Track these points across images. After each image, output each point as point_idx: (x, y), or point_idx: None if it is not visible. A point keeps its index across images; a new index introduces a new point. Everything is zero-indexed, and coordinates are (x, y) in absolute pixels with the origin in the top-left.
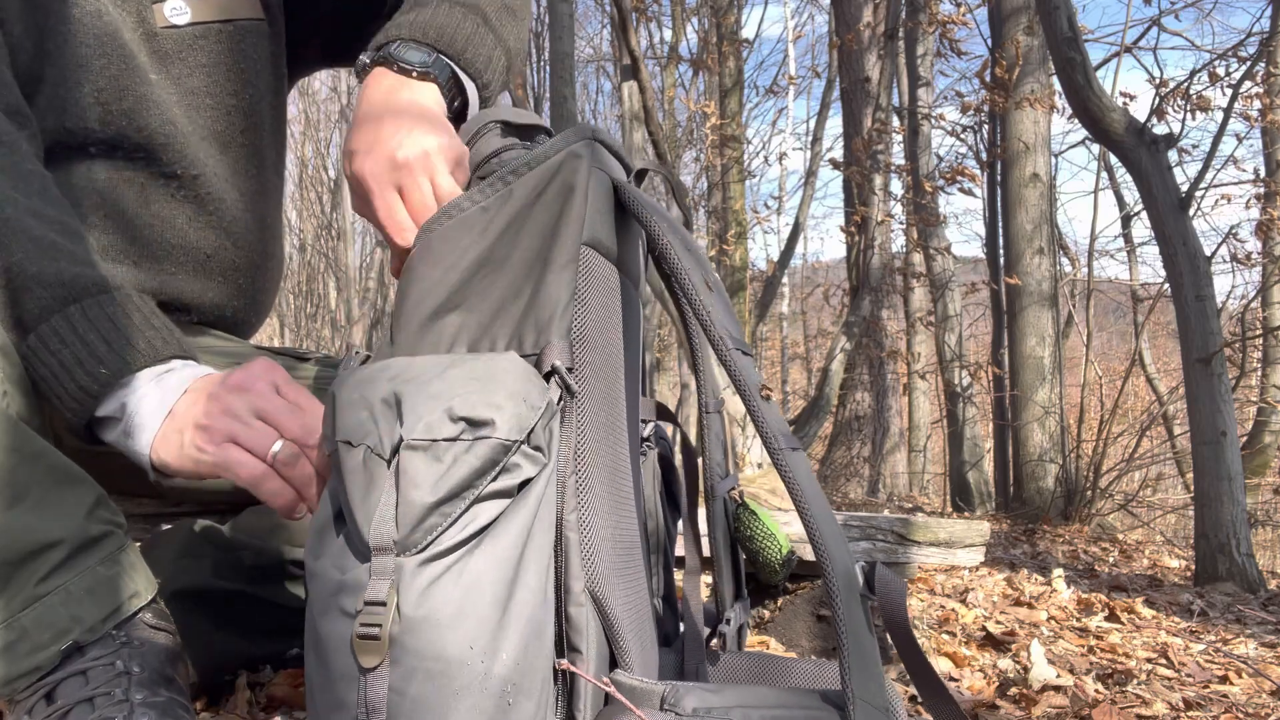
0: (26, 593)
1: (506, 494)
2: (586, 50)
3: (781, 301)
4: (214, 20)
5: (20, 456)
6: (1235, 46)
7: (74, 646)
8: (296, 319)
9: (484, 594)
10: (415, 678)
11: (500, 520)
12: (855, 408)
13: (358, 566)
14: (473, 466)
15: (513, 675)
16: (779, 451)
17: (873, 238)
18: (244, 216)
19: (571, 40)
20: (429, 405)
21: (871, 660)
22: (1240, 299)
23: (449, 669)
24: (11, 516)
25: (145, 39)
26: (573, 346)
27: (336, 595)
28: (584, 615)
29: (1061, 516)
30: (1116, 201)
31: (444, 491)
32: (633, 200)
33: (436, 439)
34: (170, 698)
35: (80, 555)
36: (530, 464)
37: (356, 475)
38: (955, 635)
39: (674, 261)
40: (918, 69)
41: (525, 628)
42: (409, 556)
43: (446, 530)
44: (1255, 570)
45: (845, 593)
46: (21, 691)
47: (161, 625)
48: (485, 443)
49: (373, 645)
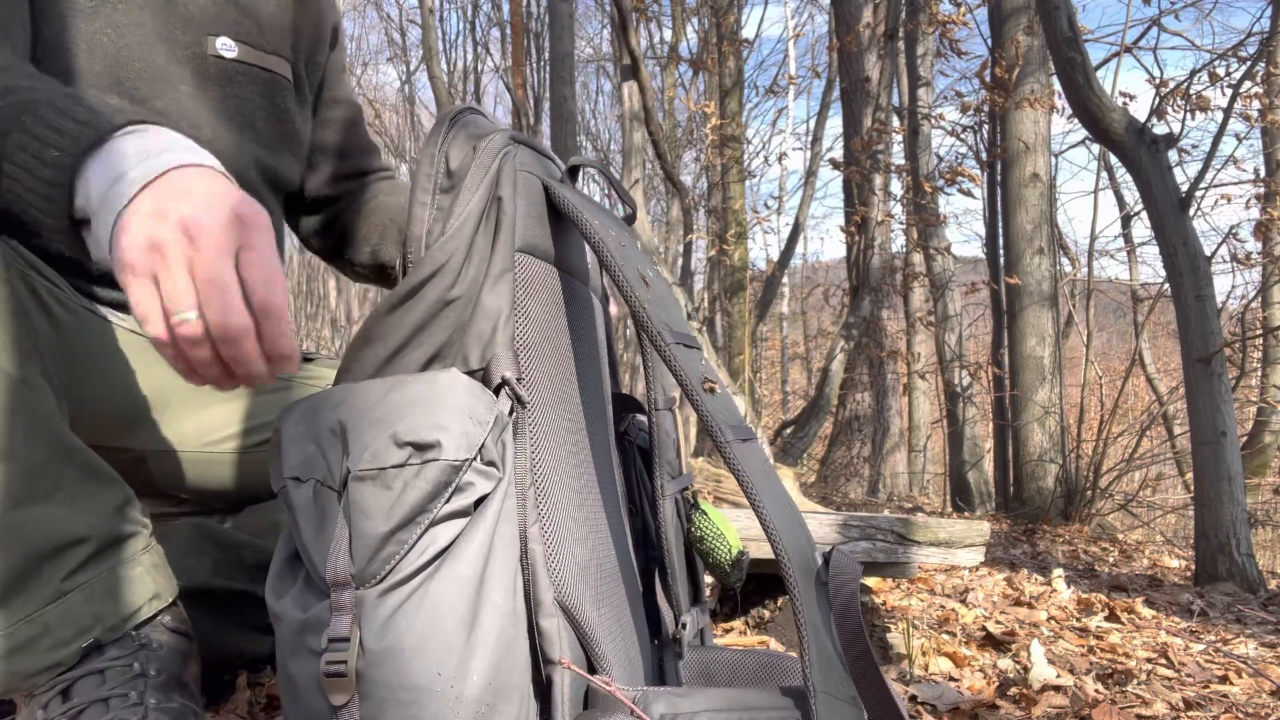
0: (52, 587)
1: (463, 513)
2: (586, 50)
3: (781, 301)
4: (254, 65)
5: (53, 452)
6: (1235, 46)
7: (94, 644)
8: (296, 319)
9: (448, 618)
10: (386, 711)
11: (459, 540)
12: (855, 408)
13: (318, 604)
14: (424, 491)
15: (485, 695)
16: (726, 444)
17: (873, 238)
18: None
19: (571, 40)
20: (373, 432)
21: (834, 651)
22: (1240, 299)
23: (419, 698)
24: (42, 510)
25: (191, 60)
26: (519, 356)
27: (301, 635)
28: (555, 626)
29: (1061, 516)
30: (1116, 201)
31: (397, 519)
32: (563, 200)
33: (384, 467)
34: (184, 704)
35: (106, 554)
36: (485, 480)
37: (307, 511)
38: (955, 635)
39: (606, 257)
40: (918, 69)
41: (494, 646)
42: (368, 589)
43: (404, 557)
44: (1255, 570)
45: (802, 582)
46: (40, 686)
47: (180, 629)
48: (434, 465)
49: (340, 683)
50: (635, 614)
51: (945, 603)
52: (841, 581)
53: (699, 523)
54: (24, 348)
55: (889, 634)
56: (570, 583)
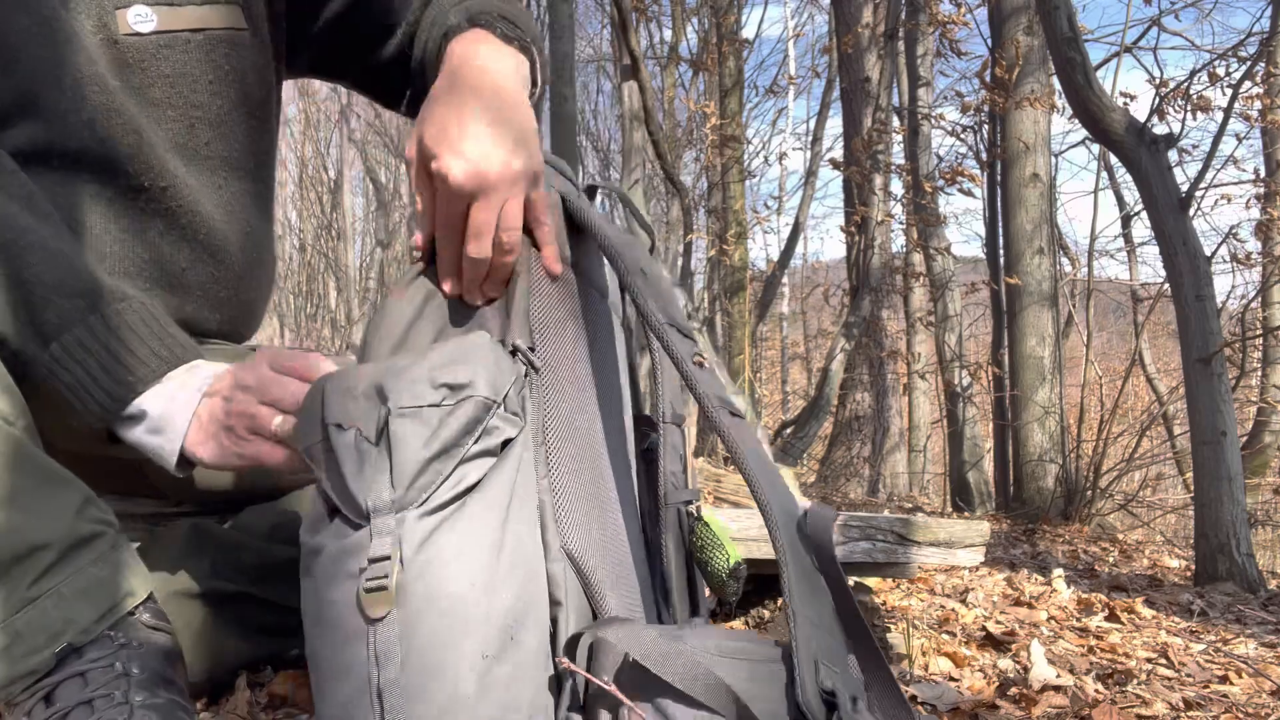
0: (18, 596)
1: (490, 453)
2: (586, 50)
3: (781, 301)
4: (182, 29)
5: (5, 459)
6: (1235, 46)
7: (70, 649)
8: (296, 319)
9: (481, 537)
10: (424, 618)
11: (487, 477)
12: (855, 408)
13: (358, 531)
14: (458, 426)
15: (511, 614)
16: (716, 410)
17: (873, 238)
18: (222, 228)
19: (571, 40)
20: (409, 381)
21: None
22: (1240, 299)
23: (455, 605)
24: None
25: (105, 45)
26: (533, 332)
27: (340, 560)
28: (560, 570)
29: (1061, 516)
30: (1116, 201)
31: (435, 448)
32: (577, 210)
33: (422, 405)
34: (170, 699)
35: (71, 556)
36: (509, 425)
37: (349, 452)
38: (955, 635)
39: (610, 249)
40: (918, 69)
41: (520, 570)
42: (408, 511)
43: (439, 487)
44: (1255, 570)
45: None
46: (19, 694)
47: (159, 625)
48: (468, 402)
49: (381, 596)
50: (644, 603)
51: (945, 603)
52: (817, 525)
53: (701, 533)
54: None
55: (889, 634)
56: (574, 534)
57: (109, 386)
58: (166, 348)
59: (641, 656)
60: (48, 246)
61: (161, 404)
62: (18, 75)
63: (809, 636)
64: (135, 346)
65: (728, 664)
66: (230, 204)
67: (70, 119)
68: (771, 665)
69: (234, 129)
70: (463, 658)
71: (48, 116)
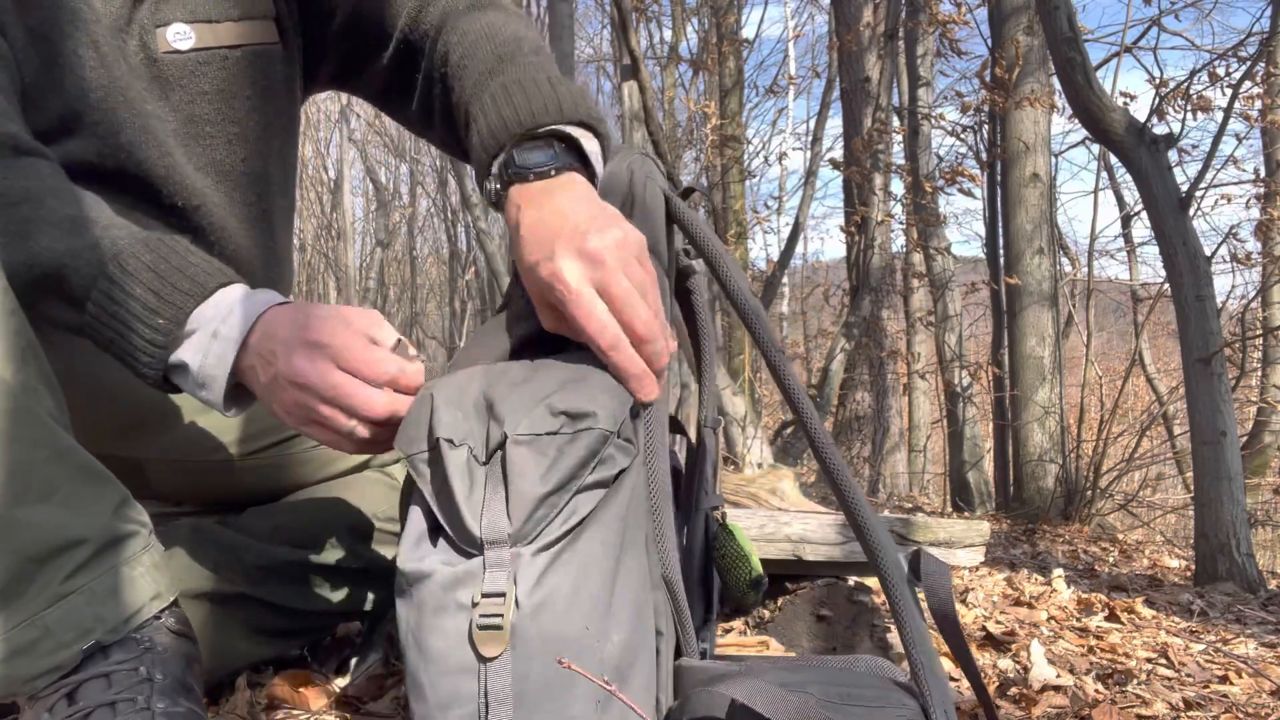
0: (51, 590)
1: (604, 484)
2: (586, 50)
3: (781, 301)
4: (220, 46)
5: (49, 453)
6: (1235, 46)
7: (96, 646)
8: None
9: (592, 579)
10: (536, 662)
11: (599, 509)
12: (855, 408)
13: (468, 560)
14: (578, 458)
15: (624, 653)
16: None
17: (873, 238)
18: (247, 244)
19: (571, 40)
20: (524, 404)
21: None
22: (1240, 299)
23: (568, 649)
24: (38, 512)
25: (146, 64)
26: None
27: (451, 590)
28: (661, 599)
29: (1061, 516)
30: (1116, 201)
31: (553, 483)
32: (678, 210)
33: (540, 433)
34: (190, 708)
35: (105, 554)
36: (623, 455)
37: (462, 472)
38: None
39: (724, 271)
40: (918, 69)
41: (631, 608)
42: (523, 546)
43: (553, 521)
44: (1255, 570)
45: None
46: (43, 689)
47: (182, 630)
48: (589, 434)
49: (495, 635)
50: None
51: None
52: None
53: (724, 541)
54: (18, 348)
55: (889, 634)
56: (671, 561)
57: (145, 334)
58: (190, 279)
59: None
60: (53, 217)
61: (198, 359)
62: (66, 95)
63: (940, 690)
64: (157, 286)
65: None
66: (256, 220)
67: (110, 140)
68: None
69: (269, 145)
70: (576, 704)
71: (90, 136)
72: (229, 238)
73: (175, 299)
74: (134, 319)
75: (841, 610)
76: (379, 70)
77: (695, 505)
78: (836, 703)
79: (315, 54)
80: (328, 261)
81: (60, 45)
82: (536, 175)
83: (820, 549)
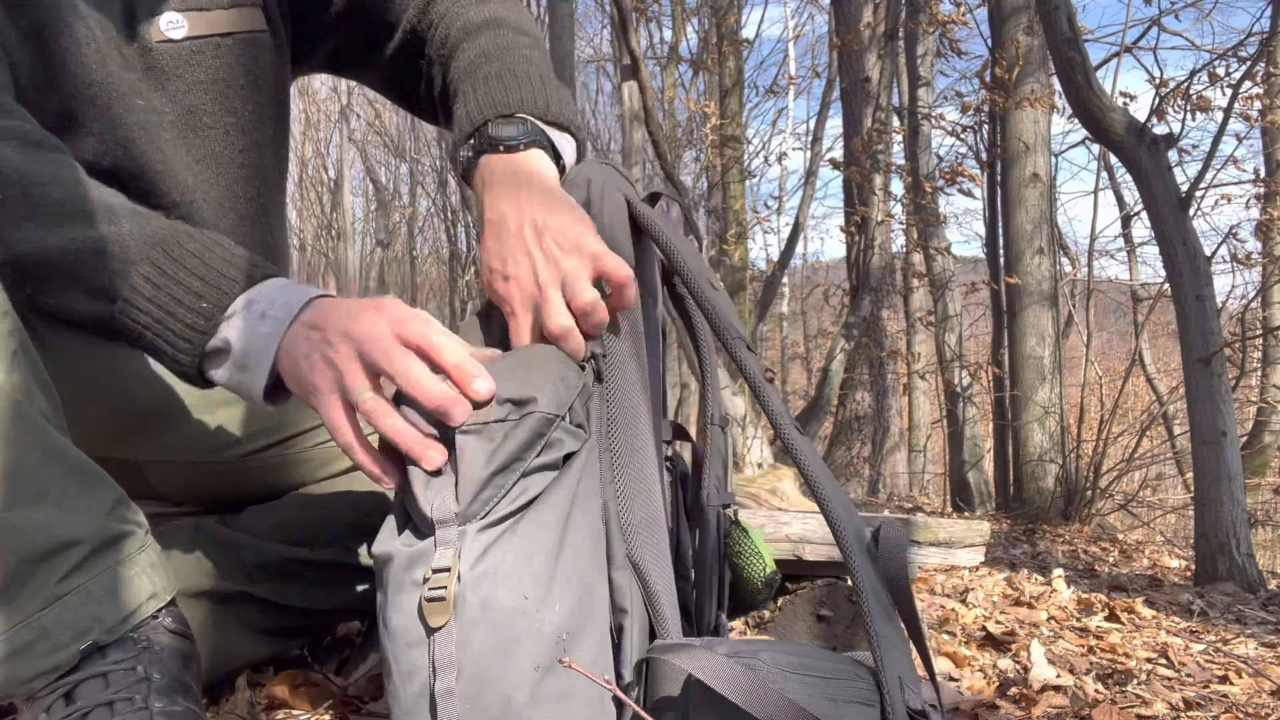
0: (47, 591)
1: (552, 467)
2: (586, 50)
3: (781, 301)
4: (212, 35)
5: (43, 454)
6: (1235, 46)
7: (93, 647)
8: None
9: (536, 553)
10: (478, 629)
11: (548, 490)
12: (855, 408)
13: (423, 540)
14: (521, 440)
15: (565, 625)
16: (785, 428)
17: (873, 238)
18: (246, 240)
19: (571, 40)
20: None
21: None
22: (1240, 299)
23: (507, 618)
24: (33, 514)
25: (140, 55)
26: (603, 337)
27: (409, 569)
28: (625, 579)
29: (1061, 516)
30: (1116, 201)
31: (497, 464)
32: (642, 215)
33: (487, 421)
34: (188, 707)
35: (101, 554)
36: (572, 439)
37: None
38: (955, 635)
39: (680, 262)
40: (918, 69)
41: (575, 583)
42: (470, 524)
43: (500, 500)
44: (1255, 570)
45: (859, 555)
46: (40, 689)
47: (180, 629)
48: (531, 418)
49: (440, 606)
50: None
51: (945, 603)
52: (889, 550)
53: (738, 538)
54: (10, 350)
55: None
56: (638, 543)
57: (187, 318)
58: (235, 268)
59: (708, 678)
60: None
61: (241, 333)
62: (62, 94)
63: (893, 658)
64: (203, 272)
65: (798, 680)
66: (254, 215)
67: (106, 137)
68: (849, 684)
69: (263, 135)
70: (514, 669)
71: (87, 134)
72: (227, 234)
73: (222, 284)
74: (177, 304)
75: (841, 610)
76: (383, 61)
77: (705, 502)
78: (790, 672)
79: (311, 36)
80: (328, 261)
81: (53, 44)
82: (507, 148)
83: (820, 549)
